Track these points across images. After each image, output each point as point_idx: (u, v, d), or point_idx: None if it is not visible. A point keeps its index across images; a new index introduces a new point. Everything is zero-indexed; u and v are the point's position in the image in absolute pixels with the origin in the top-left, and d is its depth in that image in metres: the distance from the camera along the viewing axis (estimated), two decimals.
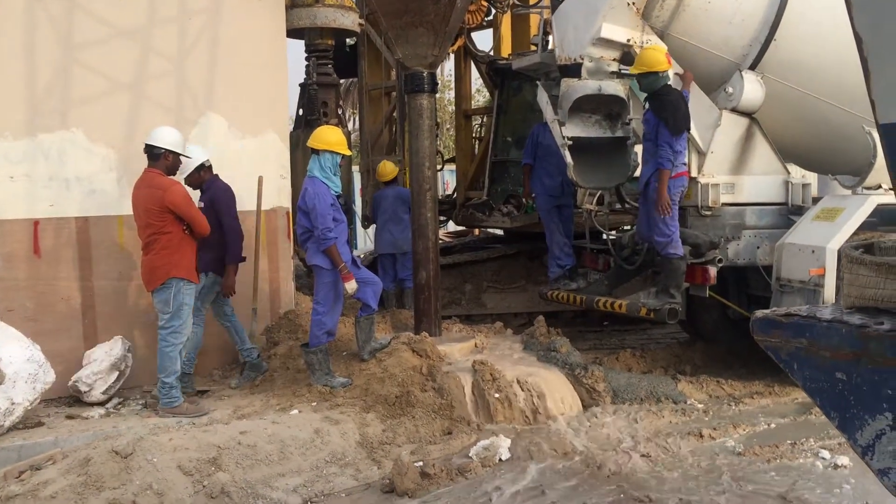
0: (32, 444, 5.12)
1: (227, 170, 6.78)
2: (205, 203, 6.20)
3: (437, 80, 7.42)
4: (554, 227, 8.04)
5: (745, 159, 6.98)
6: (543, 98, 7.15)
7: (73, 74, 6.30)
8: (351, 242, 8.74)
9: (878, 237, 4.87)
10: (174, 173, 5.88)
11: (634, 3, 6.63)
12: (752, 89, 6.79)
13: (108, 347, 6.09)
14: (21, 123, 6.14)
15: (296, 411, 5.62)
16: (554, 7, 7.30)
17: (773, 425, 5.96)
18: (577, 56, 6.82)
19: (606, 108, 6.95)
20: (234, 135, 6.98)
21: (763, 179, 7.03)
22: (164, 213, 5.61)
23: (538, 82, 7.45)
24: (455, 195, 11.40)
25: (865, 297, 2.73)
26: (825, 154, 7.63)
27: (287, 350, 6.62)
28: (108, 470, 4.51)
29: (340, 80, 11.72)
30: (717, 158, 6.89)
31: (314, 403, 5.77)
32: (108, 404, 5.97)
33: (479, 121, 11.77)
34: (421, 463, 5.03)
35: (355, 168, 13.33)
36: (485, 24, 10.81)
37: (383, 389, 5.80)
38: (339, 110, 11.01)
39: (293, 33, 9.45)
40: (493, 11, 10.69)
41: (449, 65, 14.79)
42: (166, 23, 6.66)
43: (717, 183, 6.87)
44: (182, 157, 5.88)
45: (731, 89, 6.85)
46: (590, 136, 6.94)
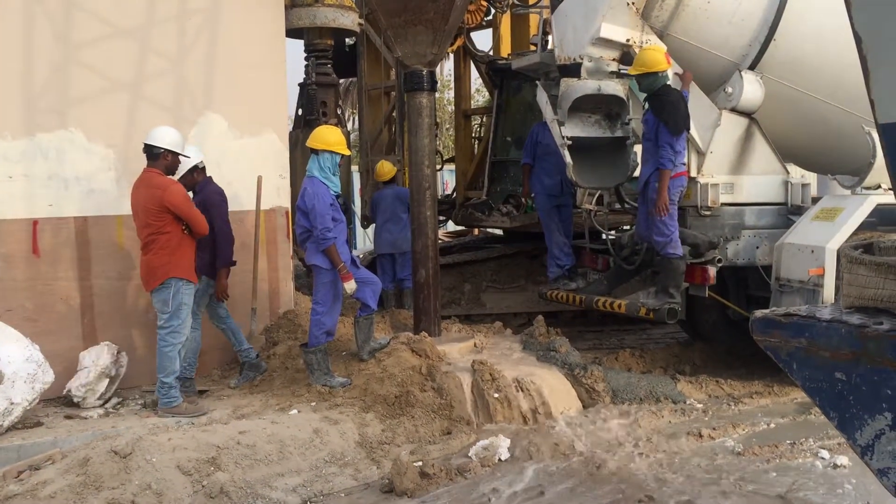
0: (31, 443, 5.11)
1: (227, 169, 6.78)
2: (197, 205, 6.16)
3: (437, 78, 7.41)
4: (553, 227, 8.04)
5: (744, 159, 6.99)
6: (543, 98, 7.14)
7: (72, 74, 6.29)
8: (350, 242, 8.73)
9: (878, 237, 4.89)
10: (173, 173, 5.87)
11: (634, 3, 6.63)
12: (751, 89, 6.80)
13: (95, 356, 5.94)
14: (19, 123, 6.12)
15: (295, 411, 5.61)
16: (553, 7, 7.30)
17: (773, 425, 5.96)
18: (576, 56, 6.82)
19: (606, 107, 6.95)
20: (234, 134, 6.97)
21: (762, 179, 7.03)
22: (163, 212, 5.60)
23: (538, 82, 7.44)
24: (454, 195, 11.39)
25: (865, 297, 2.73)
26: (824, 154, 7.64)
27: (286, 350, 6.61)
28: (107, 470, 4.51)
29: (340, 79, 11.72)
30: (716, 158, 6.89)
31: (313, 403, 5.77)
32: (108, 404, 5.96)
33: (479, 121, 11.76)
34: (420, 463, 5.03)
35: (354, 168, 13.35)
36: (484, 23, 10.80)
37: (382, 389, 5.80)
38: (339, 110, 11.01)
39: (292, 33, 9.45)
40: (493, 11, 10.68)
41: (448, 65, 14.82)
42: (165, 22, 6.66)
43: (717, 183, 6.87)
44: (181, 156, 5.87)
45: (730, 89, 6.86)
46: (589, 136, 6.94)
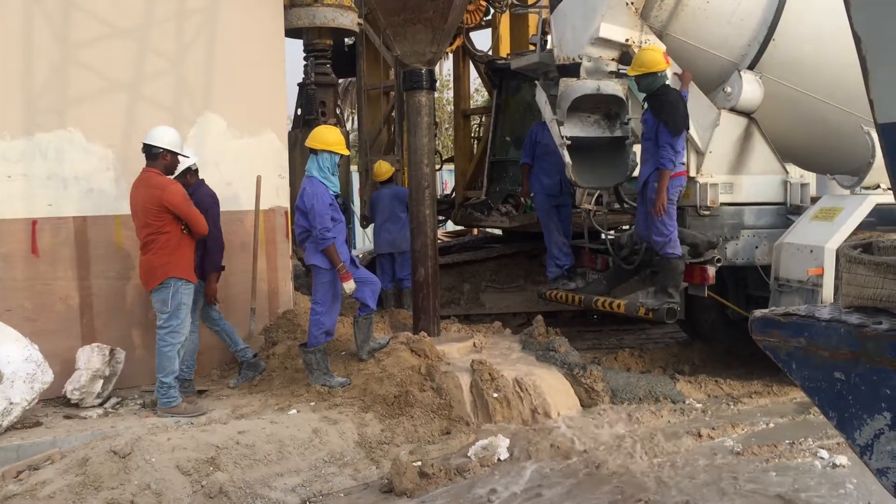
0: (30, 443, 5.11)
1: (226, 169, 6.78)
2: None
3: (436, 78, 7.41)
4: (552, 227, 8.03)
5: (743, 159, 6.99)
6: (542, 98, 7.14)
7: (71, 73, 6.29)
8: (349, 242, 8.73)
9: (877, 237, 4.90)
10: (172, 173, 5.87)
11: (633, 3, 6.63)
12: (750, 89, 6.80)
13: (86, 358, 5.91)
14: (19, 122, 6.12)
15: (294, 411, 5.61)
16: (552, 7, 7.30)
17: (772, 425, 5.97)
18: (575, 56, 6.82)
19: (605, 107, 6.94)
20: (233, 134, 6.96)
21: (761, 179, 7.03)
22: (162, 212, 5.60)
23: (537, 82, 7.44)
24: (454, 195, 11.39)
25: (864, 297, 2.73)
26: (823, 154, 7.64)
27: (285, 350, 6.61)
28: (107, 470, 4.51)
29: (339, 79, 11.72)
30: (715, 158, 6.89)
31: (313, 403, 5.76)
32: (107, 404, 5.96)
33: (478, 120, 11.76)
34: (419, 463, 5.03)
35: (354, 168, 13.34)
36: (483, 23, 10.80)
37: (382, 389, 5.79)
38: (338, 110, 11.01)
39: (292, 33, 9.45)
40: (492, 11, 10.69)
41: (448, 64, 14.85)
42: (164, 22, 6.65)
43: (716, 183, 6.87)
44: (180, 156, 5.87)
45: (729, 89, 6.86)
46: (588, 136, 6.94)
